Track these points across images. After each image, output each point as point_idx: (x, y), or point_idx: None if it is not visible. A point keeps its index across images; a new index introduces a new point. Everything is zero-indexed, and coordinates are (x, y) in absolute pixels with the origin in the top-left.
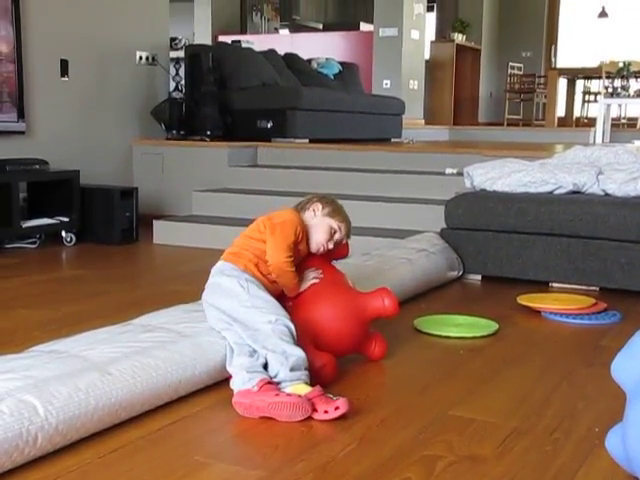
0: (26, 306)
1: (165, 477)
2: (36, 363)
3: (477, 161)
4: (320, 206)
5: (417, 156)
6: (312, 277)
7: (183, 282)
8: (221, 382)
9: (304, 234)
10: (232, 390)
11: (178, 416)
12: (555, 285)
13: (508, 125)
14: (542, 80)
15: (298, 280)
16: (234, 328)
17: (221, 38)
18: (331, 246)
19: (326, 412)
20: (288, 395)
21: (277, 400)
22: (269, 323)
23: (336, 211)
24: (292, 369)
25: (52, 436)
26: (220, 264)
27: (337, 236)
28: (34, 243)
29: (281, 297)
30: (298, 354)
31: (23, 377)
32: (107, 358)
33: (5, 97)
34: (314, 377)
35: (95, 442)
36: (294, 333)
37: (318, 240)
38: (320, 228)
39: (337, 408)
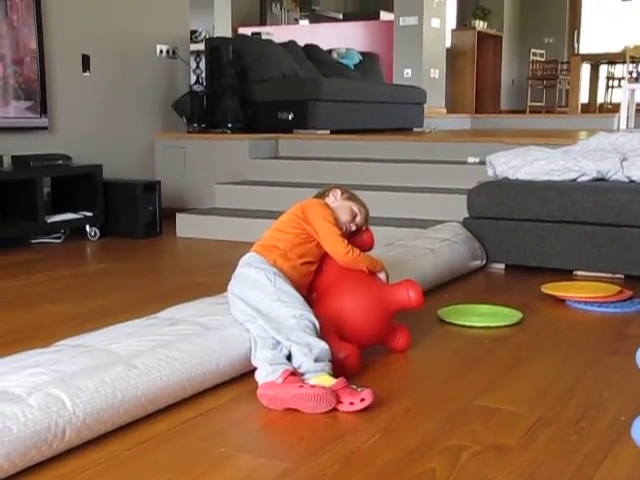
0: (51, 301)
1: (191, 469)
2: (63, 357)
3: (499, 149)
4: (339, 192)
5: (439, 145)
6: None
7: (207, 275)
8: (246, 374)
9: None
10: (257, 382)
11: (203, 408)
12: (579, 273)
13: (531, 112)
14: (565, 66)
15: (368, 257)
16: (258, 321)
17: (241, 30)
18: (353, 228)
19: (351, 404)
20: (312, 387)
21: (301, 392)
22: (294, 317)
23: (354, 197)
24: (316, 360)
25: (80, 429)
26: (248, 256)
27: (358, 219)
28: (59, 238)
29: (308, 289)
30: (322, 346)
31: (50, 371)
32: (132, 351)
33: (28, 93)
34: (338, 368)
35: (121, 435)
36: (318, 329)
37: (341, 220)
38: (342, 210)
39: (362, 400)
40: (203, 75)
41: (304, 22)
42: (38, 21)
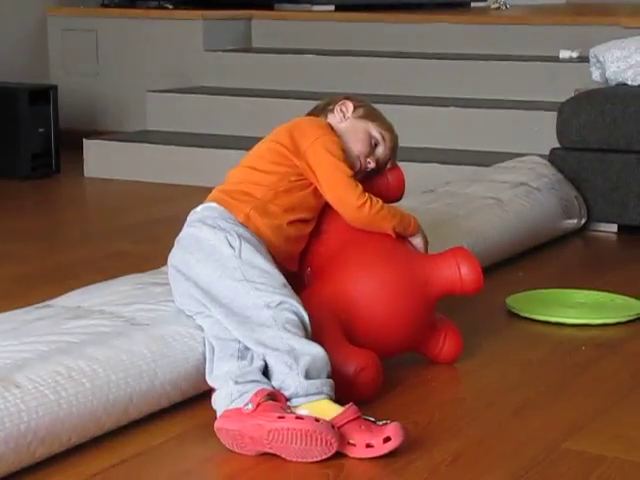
0: None
1: None
2: None
3: (612, 37)
4: (351, 105)
5: (513, 30)
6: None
7: (133, 239)
8: (196, 399)
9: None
10: (214, 411)
11: (127, 453)
12: None
13: None
14: None
15: (395, 212)
16: (214, 313)
17: None
18: (372, 165)
19: (369, 446)
20: (298, 418)
21: (281, 426)
22: (267, 307)
23: (375, 114)
24: (307, 375)
25: None
26: (202, 208)
27: (380, 150)
28: None
29: (299, 262)
30: (314, 352)
31: None
32: (12, 361)
33: None
34: (346, 389)
35: None
36: (308, 324)
37: (353, 152)
38: (354, 135)
39: (387, 440)
40: None
41: None
42: None
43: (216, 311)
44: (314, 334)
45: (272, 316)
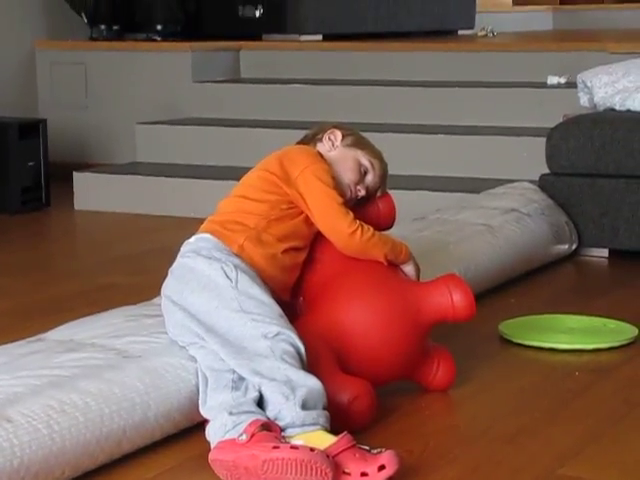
0: None
1: None
2: None
3: (600, 63)
4: (339, 134)
5: (500, 57)
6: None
7: (124, 271)
8: (190, 430)
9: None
10: (208, 442)
11: None
12: None
13: None
14: None
15: (386, 239)
16: (208, 344)
17: None
18: (362, 192)
19: (364, 475)
20: (293, 448)
21: (277, 456)
22: (264, 338)
23: (364, 143)
24: (304, 406)
25: None
26: (196, 239)
27: (369, 178)
28: None
29: (292, 291)
30: (311, 384)
31: None
32: (5, 395)
33: None
34: (340, 418)
35: None
36: (303, 354)
37: (343, 180)
38: (344, 163)
39: (382, 468)
40: None
41: None
42: None
43: (212, 341)
44: (307, 363)
45: (269, 347)
